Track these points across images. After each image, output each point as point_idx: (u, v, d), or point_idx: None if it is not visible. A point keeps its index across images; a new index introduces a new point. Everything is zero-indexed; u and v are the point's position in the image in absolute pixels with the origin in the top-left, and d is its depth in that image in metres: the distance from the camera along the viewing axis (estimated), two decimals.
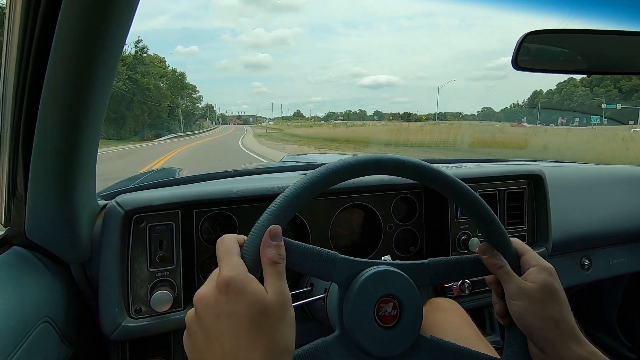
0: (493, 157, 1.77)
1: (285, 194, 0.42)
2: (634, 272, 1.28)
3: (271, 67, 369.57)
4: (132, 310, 0.67)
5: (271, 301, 0.36)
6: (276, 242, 0.39)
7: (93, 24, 0.41)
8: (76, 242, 0.63)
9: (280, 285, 0.37)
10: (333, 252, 0.45)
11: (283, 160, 2.06)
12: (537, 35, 0.77)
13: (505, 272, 0.47)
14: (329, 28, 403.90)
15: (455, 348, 0.47)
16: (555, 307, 0.45)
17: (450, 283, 0.91)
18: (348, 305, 0.44)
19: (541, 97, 66.78)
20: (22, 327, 0.51)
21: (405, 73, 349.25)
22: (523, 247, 0.50)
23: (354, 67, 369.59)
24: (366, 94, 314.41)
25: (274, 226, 0.40)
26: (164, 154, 13.28)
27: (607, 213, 1.20)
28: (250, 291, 0.36)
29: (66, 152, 0.51)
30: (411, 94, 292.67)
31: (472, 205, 0.48)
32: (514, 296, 0.46)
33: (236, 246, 0.39)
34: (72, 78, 0.45)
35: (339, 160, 0.45)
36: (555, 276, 0.47)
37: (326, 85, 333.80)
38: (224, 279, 0.36)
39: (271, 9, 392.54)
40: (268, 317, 0.35)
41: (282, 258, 0.39)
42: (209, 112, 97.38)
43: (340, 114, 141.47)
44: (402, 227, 0.94)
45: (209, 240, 0.78)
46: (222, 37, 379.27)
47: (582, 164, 1.60)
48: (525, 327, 0.46)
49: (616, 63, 0.83)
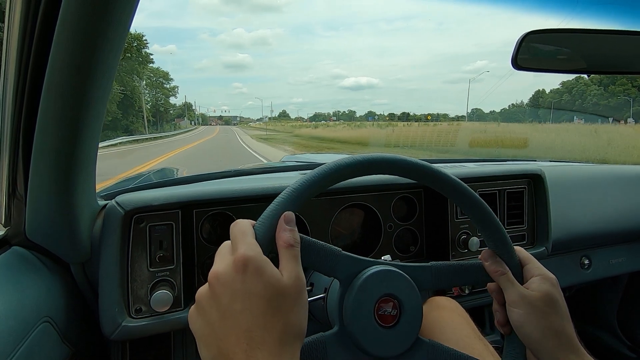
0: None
1: (298, 182, 0.43)
2: (633, 271, 1.28)
3: (252, 67, 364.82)
4: (132, 310, 0.67)
5: (287, 284, 0.36)
6: (291, 226, 0.40)
7: (93, 24, 0.41)
8: (76, 242, 0.63)
9: (297, 269, 0.38)
10: (337, 248, 0.45)
11: (283, 160, 2.06)
12: (537, 35, 0.77)
13: (507, 279, 0.47)
14: (309, 29, 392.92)
15: (454, 353, 0.47)
16: (555, 318, 0.45)
17: (451, 289, 0.91)
18: (348, 303, 0.44)
19: (547, 97, 63.91)
20: (22, 327, 0.51)
21: (385, 75, 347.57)
22: (527, 256, 0.50)
23: (335, 69, 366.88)
24: (347, 95, 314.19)
25: (288, 212, 0.40)
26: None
27: (606, 212, 1.20)
28: (267, 272, 0.36)
29: (66, 152, 0.51)
30: (391, 96, 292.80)
31: (477, 211, 0.48)
32: (514, 304, 0.46)
33: (251, 229, 0.40)
34: (72, 78, 0.45)
35: (351, 156, 0.45)
36: (558, 287, 0.47)
37: (307, 86, 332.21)
38: (243, 258, 0.35)
39: (251, 8, 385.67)
40: (284, 299, 0.36)
41: (297, 242, 0.39)
42: (187, 111, 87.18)
43: (328, 115, 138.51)
44: (402, 227, 0.94)
45: (209, 240, 0.78)
46: (201, 37, 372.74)
47: (582, 163, 1.60)
48: (524, 336, 0.46)
49: (616, 62, 0.83)
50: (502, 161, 1.48)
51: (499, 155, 6.14)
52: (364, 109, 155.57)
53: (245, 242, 0.37)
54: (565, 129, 21.45)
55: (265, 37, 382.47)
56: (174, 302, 0.69)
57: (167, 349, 0.76)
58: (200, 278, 0.76)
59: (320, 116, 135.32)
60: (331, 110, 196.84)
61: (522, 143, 12.86)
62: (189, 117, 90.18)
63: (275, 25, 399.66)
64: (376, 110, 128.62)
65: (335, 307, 0.47)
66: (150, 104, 50.02)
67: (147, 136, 27.24)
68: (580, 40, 0.79)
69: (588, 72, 0.83)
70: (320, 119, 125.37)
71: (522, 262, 0.49)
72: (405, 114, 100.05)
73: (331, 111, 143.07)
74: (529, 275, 0.48)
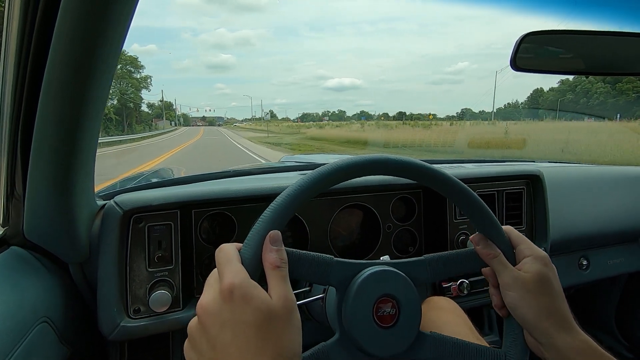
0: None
1: (282, 197, 0.42)
2: (631, 272, 1.28)
3: (235, 68, 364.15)
4: (130, 310, 0.67)
5: (276, 306, 0.36)
6: (277, 246, 0.39)
7: (92, 22, 0.41)
8: (74, 242, 0.63)
9: (285, 290, 0.37)
10: (328, 256, 0.45)
11: (282, 160, 2.06)
12: (535, 36, 0.78)
13: (499, 262, 0.48)
14: (293, 30, 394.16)
15: (456, 342, 0.47)
16: (548, 298, 0.45)
17: (448, 280, 0.91)
18: (346, 308, 0.44)
19: (548, 96, 61.10)
20: (20, 328, 0.51)
21: (369, 76, 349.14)
22: (518, 237, 0.50)
23: (319, 70, 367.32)
24: (331, 96, 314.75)
25: (274, 231, 0.40)
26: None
27: (605, 213, 1.21)
28: (255, 297, 0.35)
29: (65, 151, 0.51)
30: (375, 97, 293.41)
31: (463, 196, 0.48)
32: (508, 286, 0.47)
33: (236, 253, 0.39)
34: (71, 77, 0.45)
35: (334, 163, 0.45)
36: (550, 265, 0.47)
37: (291, 87, 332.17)
38: (228, 286, 0.35)
39: (234, 8, 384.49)
40: (274, 322, 0.35)
41: (284, 262, 0.39)
42: (165, 111, 75.54)
43: (317, 115, 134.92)
44: (400, 227, 0.94)
45: (208, 241, 0.78)
46: (183, 37, 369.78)
47: (581, 164, 1.61)
48: (519, 318, 0.46)
49: (614, 64, 0.83)
50: (501, 162, 1.48)
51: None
52: (348, 109, 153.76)
53: (230, 269, 0.37)
54: (586, 127, 19.14)
55: (248, 38, 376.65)
56: (173, 302, 0.69)
57: (166, 350, 0.76)
58: (199, 278, 0.76)
59: (309, 116, 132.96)
60: (318, 110, 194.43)
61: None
62: (168, 117, 78.99)
63: (258, 26, 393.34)
64: (364, 109, 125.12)
65: (334, 313, 0.47)
66: (117, 99, 39.73)
67: (104, 139, 19.62)
68: (578, 41, 0.79)
69: (586, 73, 0.83)
70: (309, 119, 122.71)
71: (513, 242, 0.49)
72: (402, 113, 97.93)
73: (320, 111, 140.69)
74: (521, 256, 0.48)
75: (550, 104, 35.21)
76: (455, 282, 0.93)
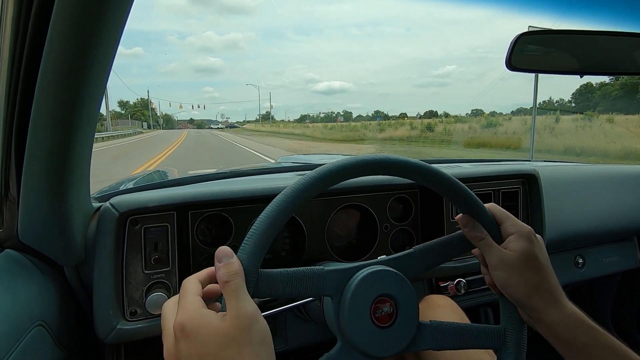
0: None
1: (280, 198, 0.42)
2: (626, 270, 1.29)
3: (223, 71, 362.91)
4: (127, 312, 0.67)
5: (229, 328, 0.35)
6: (223, 261, 0.39)
7: (87, 23, 0.41)
8: (70, 244, 0.62)
9: (237, 306, 0.36)
10: (319, 267, 0.45)
11: (279, 160, 2.06)
12: (530, 36, 0.78)
13: (485, 244, 0.48)
14: (281, 34, 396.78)
15: (456, 326, 0.48)
16: (534, 274, 0.46)
17: (445, 279, 0.92)
18: (344, 315, 0.44)
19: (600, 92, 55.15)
20: (15, 331, 0.50)
21: (357, 79, 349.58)
22: (502, 214, 0.50)
23: (308, 73, 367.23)
24: (320, 99, 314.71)
25: (220, 248, 0.40)
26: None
27: (600, 212, 1.21)
28: (204, 327, 0.35)
29: (59, 153, 0.51)
30: (362, 100, 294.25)
31: (445, 182, 0.49)
32: (495, 267, 0.48)
33: (193, 285, 0.39)
34: (65, 79, 0.45)
35: (326, 166, 0.44)
36: (534, 240, 0.48)
37: (280, 90, 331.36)
38: (178, 325, 0.36)
39: (220, 10, 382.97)
40: (230, 346, 0.35)
41: (234, 274, 0.38)
42: (134, 109, 61.64)
43: (321, 116, 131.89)
44: (398, 227, 0.94)
45: (204, 242, 0.77)
46: (169, 39, 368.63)
47: (576, 163, 1.62)
48: (509, 296, 0.48)
49: (609, 63, 0.84)
50: (497, 161, 1.49)
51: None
52: (338, 111, 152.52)
53: (182, 305, 0.38)
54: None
55: (236, 41, 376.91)
56: None
57: (163, 352, 0.75)
58: None
59: (307, 118, 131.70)
60: (308, 112, 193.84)
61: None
62: (141, 118, 66.46)
63: (246, 29, 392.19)
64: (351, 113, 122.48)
65: (333, 322, 0.47)
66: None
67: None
68: (573, 41, 0.80)
69: (581, 72, 0.84)
70: (305, 120, 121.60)
71: (498, 220, 0.50)
72: (430, 112, 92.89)
73: (319, 112, 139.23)
74: (506, 234, 0.49)
75: (597, 100, 33.04)
76: (452, 282, 0.93)
